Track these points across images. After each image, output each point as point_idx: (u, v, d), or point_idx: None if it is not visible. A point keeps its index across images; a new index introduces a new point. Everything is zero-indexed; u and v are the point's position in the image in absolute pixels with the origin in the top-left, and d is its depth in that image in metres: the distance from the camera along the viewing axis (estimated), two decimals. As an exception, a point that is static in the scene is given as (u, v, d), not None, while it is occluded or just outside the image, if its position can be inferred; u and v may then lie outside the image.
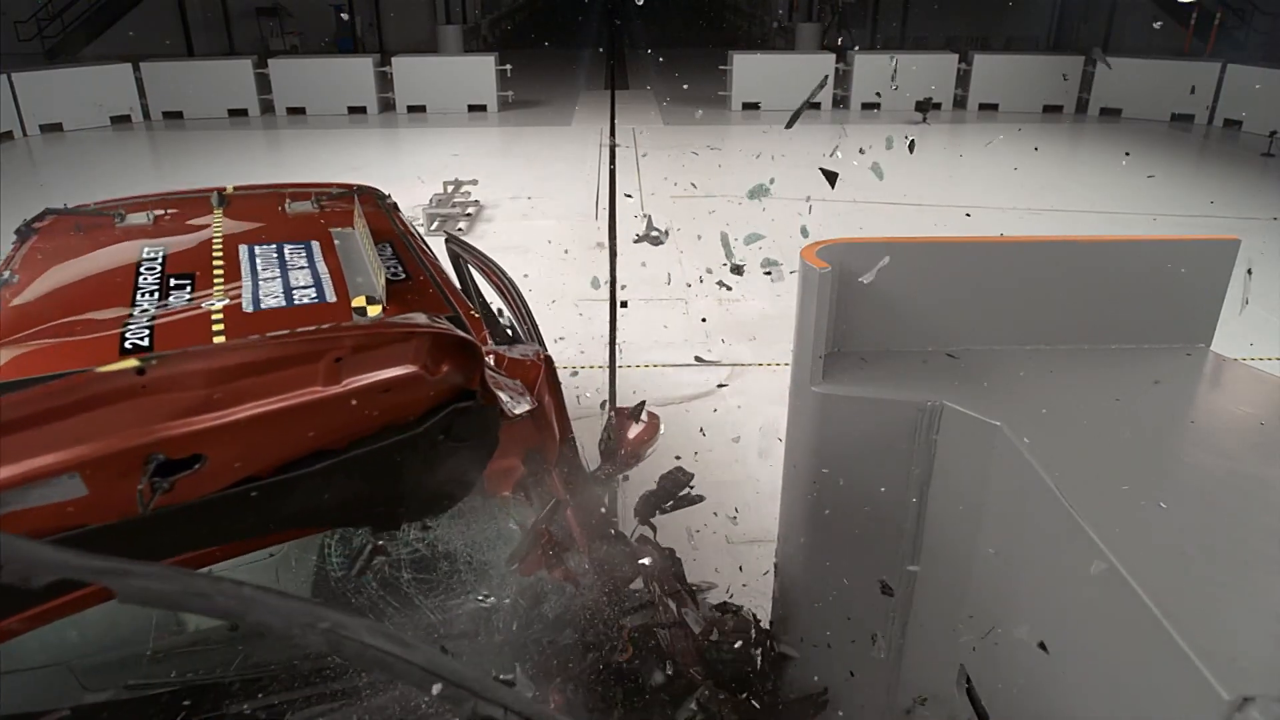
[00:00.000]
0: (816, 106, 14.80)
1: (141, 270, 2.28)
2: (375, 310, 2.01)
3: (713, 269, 6.36)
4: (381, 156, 12.24)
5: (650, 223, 6.90)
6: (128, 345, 1.84)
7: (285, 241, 2.51)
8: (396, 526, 1.63)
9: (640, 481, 2.76)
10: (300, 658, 1.68)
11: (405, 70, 14.81)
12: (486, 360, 1.55)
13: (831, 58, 15.06)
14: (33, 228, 2.71)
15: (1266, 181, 10.42)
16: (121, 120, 13.90)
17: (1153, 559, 1.35)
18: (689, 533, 3.32)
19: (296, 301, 2.11)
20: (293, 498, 1.38)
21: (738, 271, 3.56)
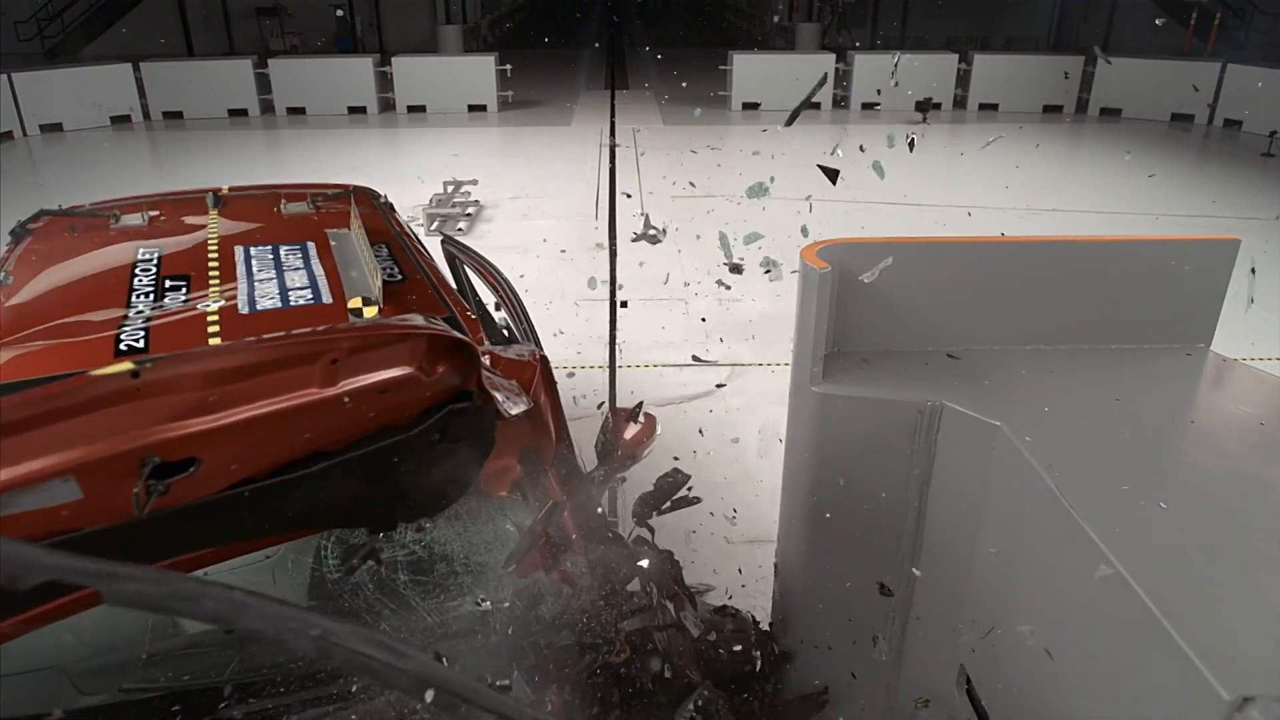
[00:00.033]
0: (816, 107, 14.80)
1: (136, 272, 2.27)
2: (371, 311, 2.00)
3: (711, 269, 6.37)
4: (381, 156, 12.24)
5: (647, 221, 6.89)
6: (123, 347, 1.83)
7: (281, 243, 2.50)
8: (393, 527, 1.63)
9: (641, 483, 2.76)
10: (296, 661, 1.67)
11: (405, 70, 14.81)
12: (482, 361, 1.55)
13: (832, 58, 15.06)
14: (27, 229, 2.69)
15: (1266, 181, 10.41)
16: (121, 120, 13.90)
17: (1153, 559, 1.35)
18: (686, 535, 3.32)
19: (292, 303, 2.10)
20: (289, 499, 1.38)
21: (736, 270, 3.57)
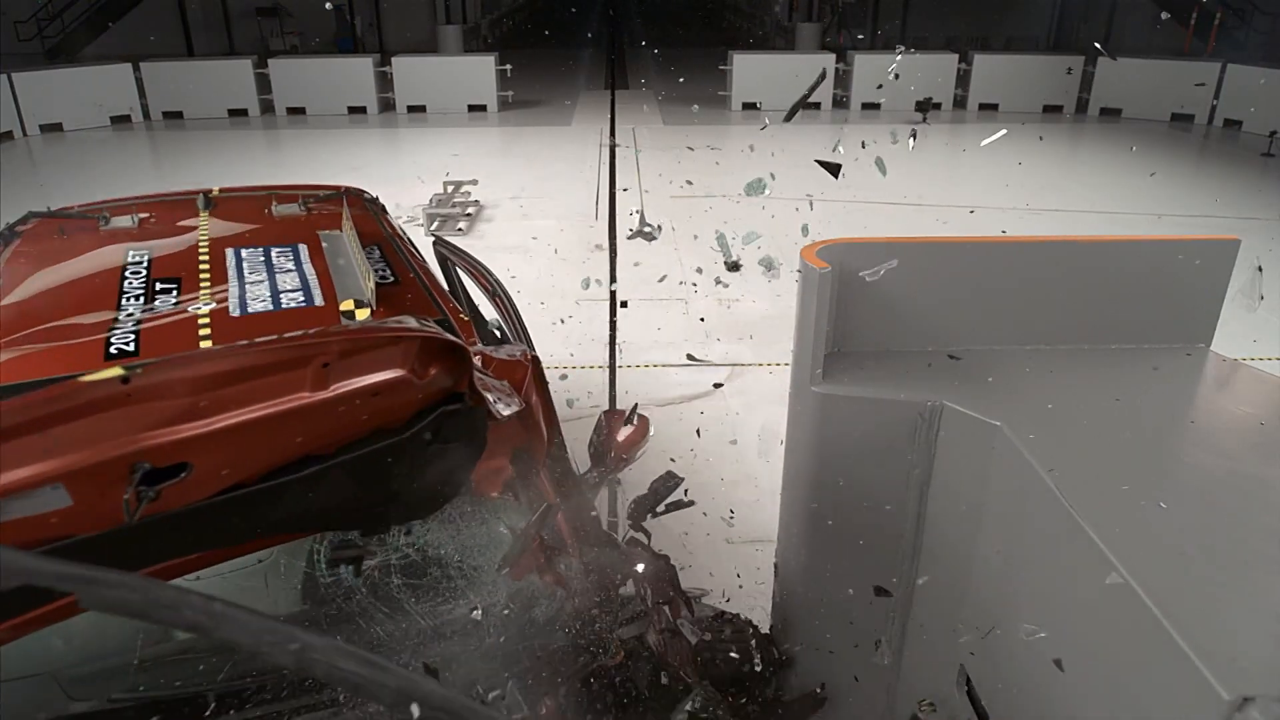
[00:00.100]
0: (816, 106, 14.80)
1: (127, 274, 2.24)
2: (364, 314, 1.98)
3: (711, 268, 6.36)
4: (381, 156, 12.24)
5: (643, 218, 6.88)
6: (113, 350, 1.81)
7: (272, 244, 2.47)
8: (386, 529, 1.62)
9: (640, 484, 2.75)
10: (287, 669, 1.66)
11: (405, 70, 14.81)
12: (474, 362, 1.54)
13: (832, 57, 15.07)
14: (15, 231, 2.66)
15: (1267, 181, 10.42)
16: (121, 120, 13.90)
17: (1153, 559, 1.35)
18: (684, 537, 3.32)
19: (284, 305, 2.08)
20: (280, 503, 1.37)
21: (734, 269, 3.56)
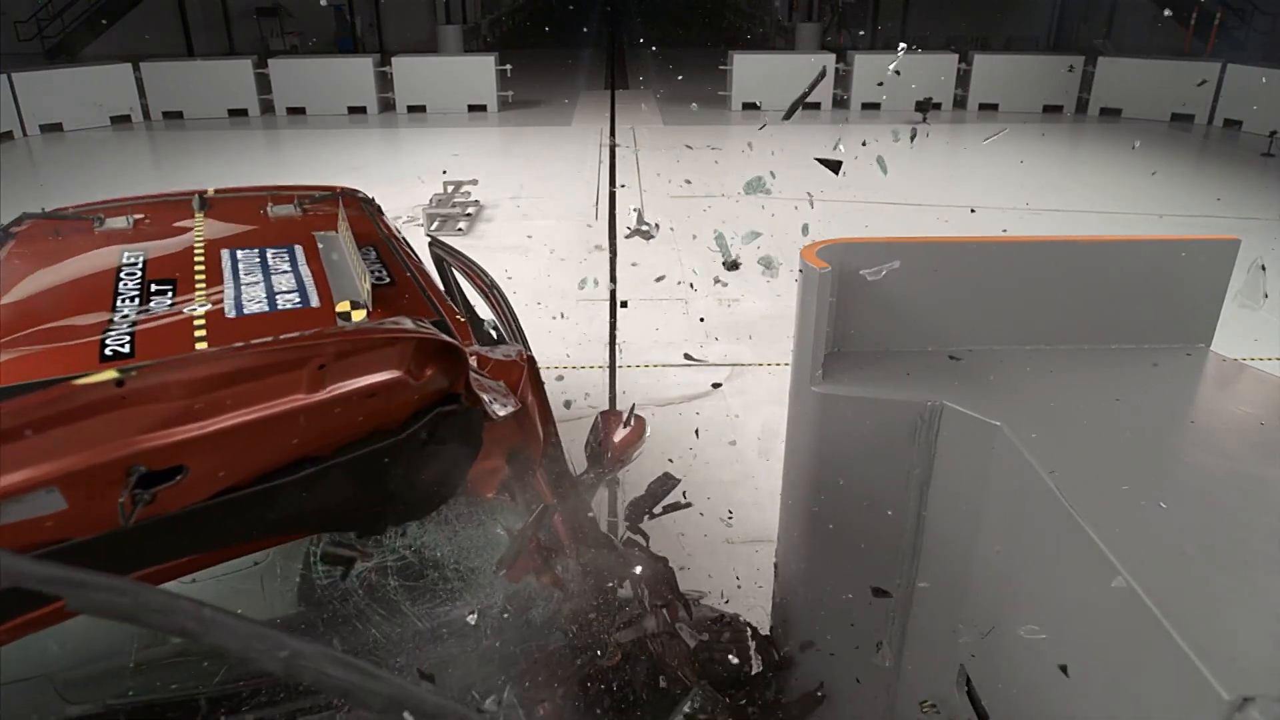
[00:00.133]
0: (816, 106, 14.80)
1: (122, 275, 2.24)
2: (360, 315, 1.98)
3: (710, 268, 6.36)
4: (381, 156, 12.24)
5: (640, 217, 6.87)
6: (108, 352, 1.80)
7: (268, 246, 2.46)
8: (382, 531, 1.61)
9: (640, 485, 2.75)
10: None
11: (405, 70, 14.80)
12: (470, 362, 1.53)
13: (832, 57, 15.06)
14: (9, 232, 2.64)
15: (1267, 181, 10.41)
16: (121, 120, 13.90)
17: (1153, 559, 1.35)
18: (681, 538, 3.31)
19: (280, 307, 2.07)
20: (275, 506, 1.36)
21: (732, 268, 3.56)
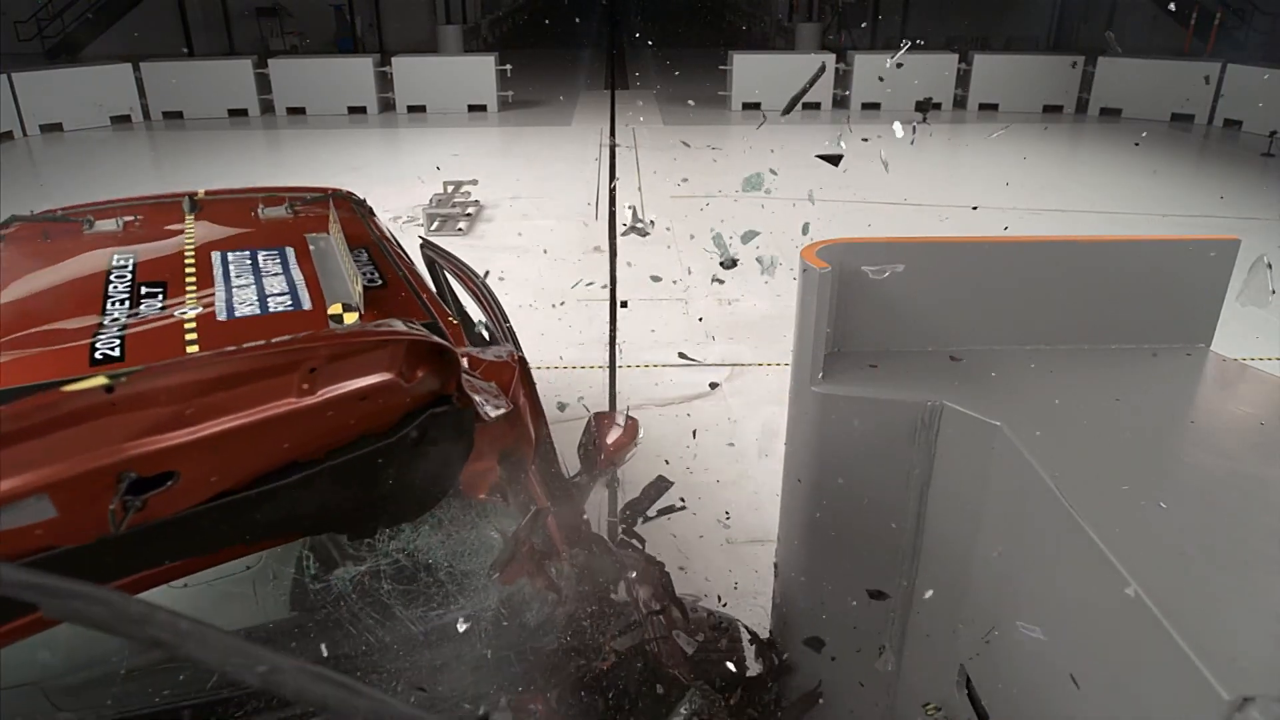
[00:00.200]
0: (816, 106, 14.80)
1: (111, 278, 2.21)
2: (352, 317, 1.96)
3: (710, 268, 6.35)
4: (381, 156, 12.24)
5: (635, 214, 6.86)
6: (98, 356, 1.78)
7: (259, 248, 2.45)
8: (372, 533, 1.60)
9: (639, 486, 2.75)
10: None
11: (405, 70, 14.81)
12: (462, 364, 1.53)
13: (832, 57, 15.06)
14: None
15: (1267, 181, 10.41)
16: (121, 120, 13.90)
17: (1153, 559, 1.35)
18: (680, 538, 3.31)
19: (271, 309, 2.05)
20: (266, 510, 1.35)
21: (729, 266, 3.56)
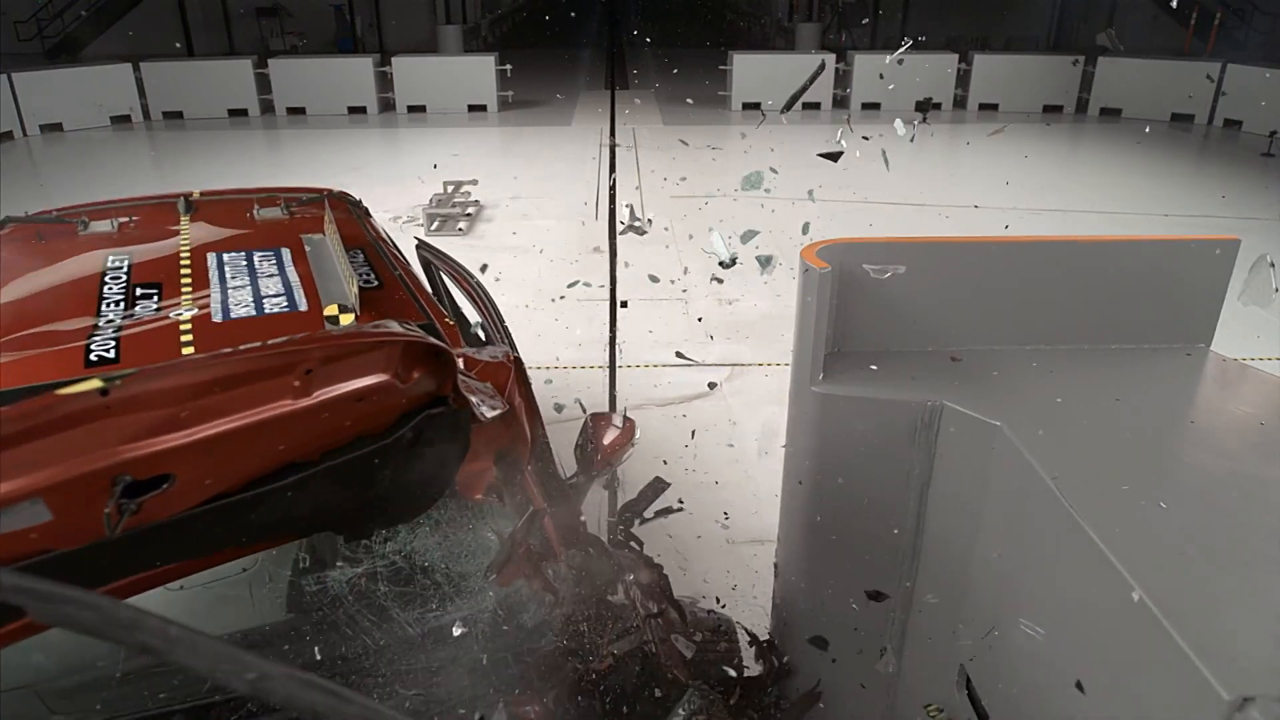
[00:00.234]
0: (816, 106, 14.80)
1: (106, 279, 2.21)
2: (348, 319, 1.96)
3: (708, 266, 6.36)
4: (381, 156, 12.24)
5: (633, 213, 6.86)
6: (93, 358, 1.78)
7: (255, 249, 2.44)
8: (368, 535, 1.60)
9: (637, 489, 2.74)
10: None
11: (405, 70, 14.81)
12: (458, 364, 1.52)
13: (832, 57, 15.06)
14: None
15: (1267, 181, 10.42)
16: (121, 120, 13.90)
17: (1153, 559, 1.35)
18: (680, 539, 3.31)
19: (267, 311, 2.04)
20: (262, 511, 1.35)
21: (728, 265, 3.56)
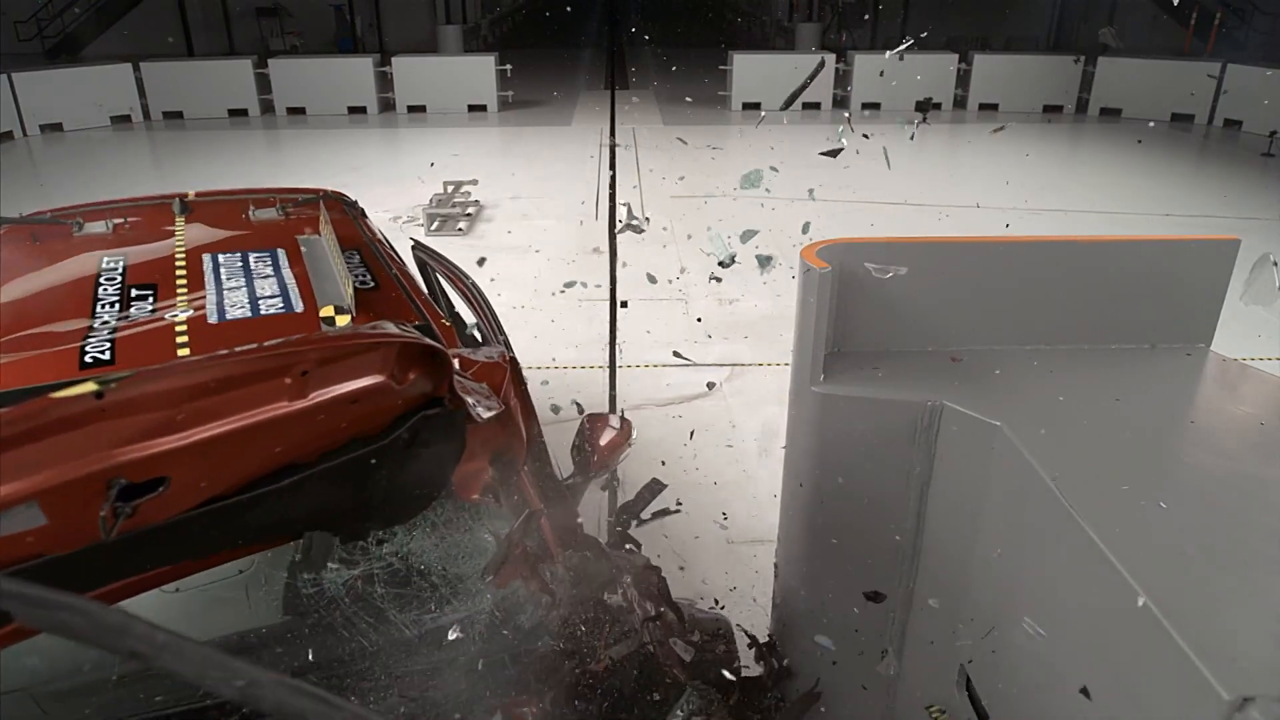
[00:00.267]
0: (816, 106, 14.80)
1: (101, 281, 2.20)
2: (344, 320, 1.96)
3: (707, 266, 6.36)
4: (381, 156, 12.24)
5: (630, 211, 6.86)
6: (88, 359, 1.77)
7: (250, 250, 2.44)
8: (364, 536, 1.60)
9: (636, 488, 2.74)
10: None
11: (405, 70, 14.81)
12: (454, 365, 1.52)
13: (832, 57, 15.06)
14: None
15: (1267, 181, 10.42)
16: (121, 120, 13.90)
17: (1153, 559, 1.35)
18: (680, 539, 3.31)
19: (263, 312, 2.04)
20: (257, 513, 1.35)
21: (726, 264, 3.57)
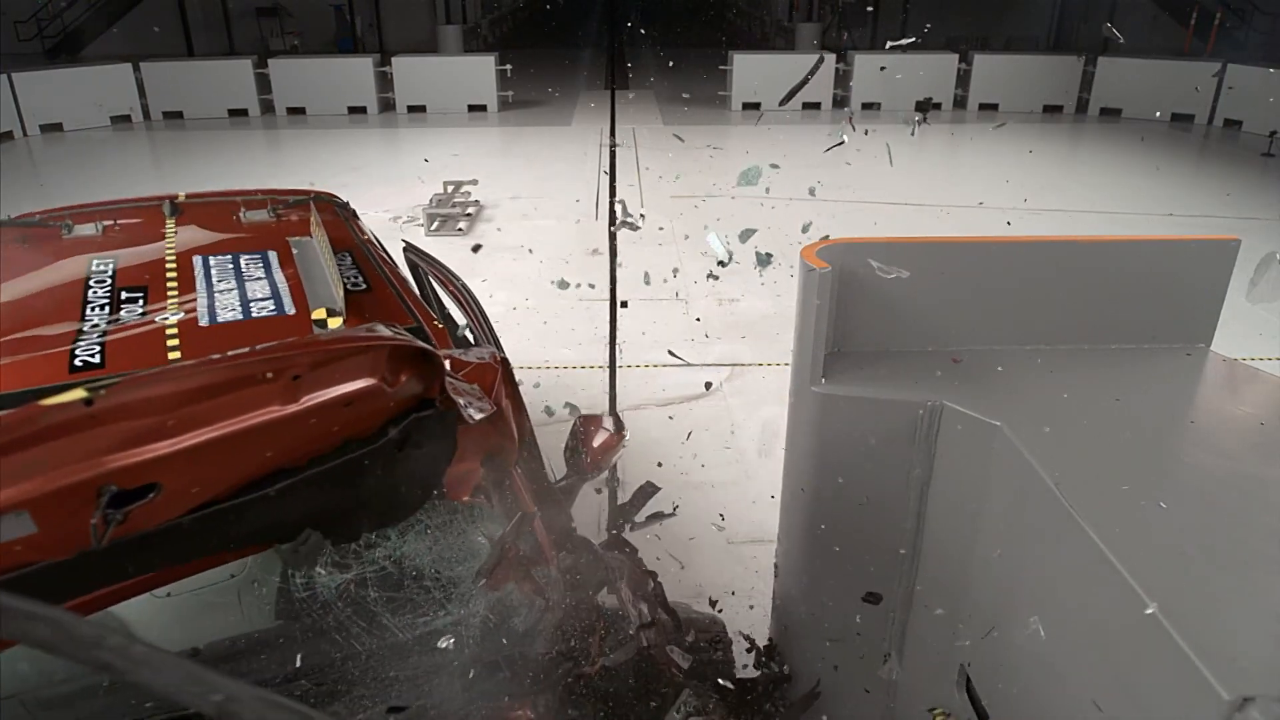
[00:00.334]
0: (816, 106, 14.80)
1: (91, 283, 2.19)
2: (335, 322, 1.95)
3: (704, 266, 6.36)
4: (381, 156, 12.24)
5: (624, 209, 6.85)
6: (77, 363, 1.76)
7: (241, 252, 2.43)
8: (356, 538, 1.59)
9: (634, 489, 2.74)
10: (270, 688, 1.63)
11: (405, 70, 14.81)
12: (445, 366, 1.52)
13: (832, 57, 15.06)
14: None
15: (1267, 181, 10.42)
16: (121, 120, 13.90)
17: (1153, 559, 1.35)
18: (680, 539, 3.31)
19: (254, 314, 2.03)
20: (248, 517, 1.34)
21: (725, 263, 3.58)
